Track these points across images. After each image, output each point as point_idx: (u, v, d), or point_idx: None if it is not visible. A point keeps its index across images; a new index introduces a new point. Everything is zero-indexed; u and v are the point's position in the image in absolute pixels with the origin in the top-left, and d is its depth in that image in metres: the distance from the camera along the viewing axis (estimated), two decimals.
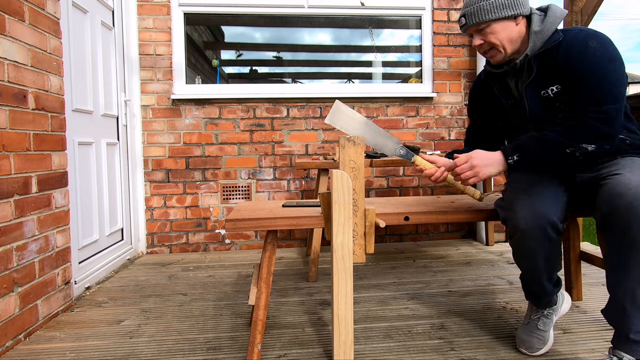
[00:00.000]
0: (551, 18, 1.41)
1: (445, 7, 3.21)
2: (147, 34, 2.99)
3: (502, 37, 1.41)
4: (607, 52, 1.31)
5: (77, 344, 1.64)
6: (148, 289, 2.28)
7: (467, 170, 1.42)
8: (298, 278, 2.41)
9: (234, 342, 1.63)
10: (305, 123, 3.13)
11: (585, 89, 1.33)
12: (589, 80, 1.32)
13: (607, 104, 1.29)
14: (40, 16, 1.84)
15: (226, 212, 3.10)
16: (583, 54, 1.33)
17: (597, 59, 1.31)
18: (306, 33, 3.61)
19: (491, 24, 1.40)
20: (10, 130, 1.63)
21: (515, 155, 1.39)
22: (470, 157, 1.43)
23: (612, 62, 1.30)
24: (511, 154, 1.40)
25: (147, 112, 3.02)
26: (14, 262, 1.63)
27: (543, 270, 1.41)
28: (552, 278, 1.47)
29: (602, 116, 1.30)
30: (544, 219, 1.30)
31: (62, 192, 1.98)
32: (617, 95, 1.30)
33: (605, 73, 1.30)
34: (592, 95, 1.32)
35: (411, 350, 1.53)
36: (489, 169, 1.41)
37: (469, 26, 1.44)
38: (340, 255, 1.32)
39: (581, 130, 1.32)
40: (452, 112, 3.25)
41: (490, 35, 1.42)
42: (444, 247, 3.08)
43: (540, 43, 1.40)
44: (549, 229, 1.30)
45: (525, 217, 1.31)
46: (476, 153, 1.44)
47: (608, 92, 1.30)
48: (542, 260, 1.38)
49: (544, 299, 1.51)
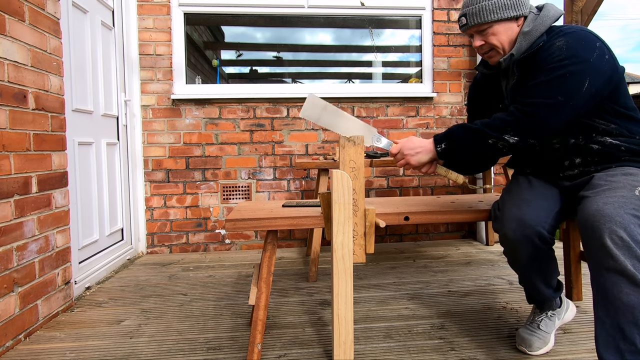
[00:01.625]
0: (542, 19, 1.36)
1: (445, 7, 3.21)
2: (147, 34, 2.99)
3: (503, 39, 1.38)
4: (568, 50, 1.25)
5: (77, 344, 1.64)
6: (148, 289, 2.28)
7: (400, 159, 1.43)
8: (298, 278, 2.41)
9: (234, 342, 1.63)
10: (305, 123, 3.13)
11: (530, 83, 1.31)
12: (534, 76, 1.30)
13: (536, 97, 1.26)
14: (40, 16, 1.84)
15: (226, 212, 3.10)
16: (544, 54, 1.30)
17: (550, 57, 1.28)
18: (306, 33, 3.61)
19: (493, 25, 1.36)
20: (10, 130, 1.63)
21: (443, 143, 1.38)
22: (402, 145, 1.43)
23: (566, 58, 1.24)
24: (439, 143, 1.39)
25: (147, 112, 3.02)
26: (14, 262, 1.63)
27: (537, 278, 1.42)
28: (550, 283, 1.47)
29: (526, 109, 1.27)
30: (531, 230, 1.29)
31: (62, 192, 1.98)
32: (552, 91, 1.25)
33: (551, 69, 1.26)
34: (528, 90, 1.30)
35: (411, 350, 1.53)
36: (418, 156, 1.41)
37: (469, 26, 1.40)
38: (340, 255, 1.32)
39: (504, 121, 1.30)
40: (452, 112, 3.25)
41: (491, 36, 1.38)
42: (444, 247, 3.08)
43: (526, 45, 1.36)
44: (536, 239, 1.30)
45: (513, 229, 1.32)
46: (408, 141, 1.43)
47: (543, 88, 1.26)
48: (533, 269, 1.38)
49: (546, 302, 1.52)
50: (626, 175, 1.25)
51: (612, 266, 1.08)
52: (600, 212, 1.12)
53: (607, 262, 1.09)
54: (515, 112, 1.29)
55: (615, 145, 1.32)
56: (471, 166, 1.47)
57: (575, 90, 1.24)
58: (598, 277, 1.13)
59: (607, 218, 1.10)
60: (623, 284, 1.07)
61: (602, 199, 1.16)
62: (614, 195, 1.16)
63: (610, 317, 1.10)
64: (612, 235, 1.08)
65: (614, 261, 1.07)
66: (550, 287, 1.48)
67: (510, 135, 1.29)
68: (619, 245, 1.07)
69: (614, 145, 1.33)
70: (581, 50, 1.25)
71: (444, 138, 1.39)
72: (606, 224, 1.09)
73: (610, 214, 1.10)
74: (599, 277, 1.12)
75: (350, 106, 3.16)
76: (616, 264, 1.07)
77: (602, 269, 1.11)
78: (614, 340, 1.09)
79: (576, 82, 1.24)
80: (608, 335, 1.10)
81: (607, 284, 1.10)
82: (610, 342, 1.09)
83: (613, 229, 1.08)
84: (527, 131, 1.28)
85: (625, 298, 1.07)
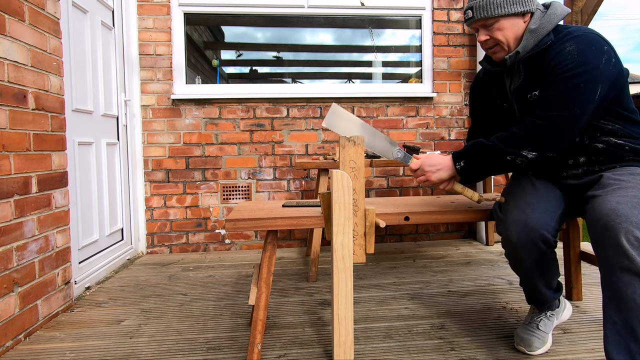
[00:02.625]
0: (549, 16, 1.35)
1: (445, 7, 3.21)
2: (147, 34, 2.99)
3: (508, 35, 1.36)
4: (580, 56, 1.24)
5: (77, 344, 1.64)
6: (148, 289, 2.28)
7: (420, 174, 1.43)
8: (298, 278, 2.41)
9: (234, 342, 1.63)
10: (305, 123, 3.13)
11: (543, 93, 1.30)
12: (549, 85, 1.29)
13: (552, 110, 1.26)
14: (40, 16, 1.84)
15: (226, 212, 3.10)
16: (555, 58, 1.28)
17: (564, 63, 1.26)
18: (306, 33, 3.61)
19: (500, 19, 1.35)
20: (10, 130, 1.63)
21: (462, 161, 1.39)
22: (423, 162, 1.43)
23: (580, 66, 1.24)
24: (458, 160, 1.40)
25: (147, 112, 3.02)
26: (14, 262, 1.63)
27: (538, 280, 1.41)
28: (551, 285, 1.47)
29: (544, 123, 1.27)
30: (535, 233, 1.29)
31: (62, 192, 1.98)
32: (568, 103, 1.24)
33: (565, 79, 1.25)
34: (543, 101, 1.28)
35: (411, 350, 1.53)
36: (439, 173, 1.42)
37: (475, 20, 1.38)
38: (340, 255, 1.32)
39: (520, 136, 1.30)
40: (452, 112, 3.25)
41: (497, 31, 1.36)
42: (444, 247, 3.08)
43: (532, 43, 1.35)
44: (540, 242, 1.30)
45: (517, 232, 1.31)
46: (428, 157, 1.43)
47: (558, 100, 1.25)
48: (535, 272, 1.38)
49: (545, 303, 1.52)
50: (634, 175, 1.26)
51: (627, 266, 1.08)
52: (615, 212, 1.12)
53: (622, 262, 1.08)
54: (531, 126, 1.29)
55: (620, 145, 1.33)
56: (491, 175, 1.47)
57: (589, 99, 1.25)
58: (611, 276, 1.12)
59: (623, 217, 1.10)
60: (638, 285, 1.07)
61: (615, 198, 1.16)
62: (626, 195, 1.16)
63: (622, 317, 1.09)
64: (629, 235, 1.08)
65: (630, 261, 1.07)
66: (551, 289, 1.48)
67: (528, 151, 1.30)
68: (634, 246, 1.07)
69: (618, 145, 1.33)
70: (591, 55, 1.24)
71: (462, 156, 1.39)
72: (622, 224, 1.09)
73: (627, 214, 1.10)
74: (612, 277, 1.12)
75: (350, 106, 3.16)
76: (631, 264, 1.07)
77: (616, 269, 1.10)
78: (625, 341, 1.09)
79: (589, 91, 1.25)
80: (619, 336, 1.10)
81: (621, 284, 1.09)
82: (622, 342, 1.09)
83: (629, 229, 1.08)
84: (546, 146, 1.28)
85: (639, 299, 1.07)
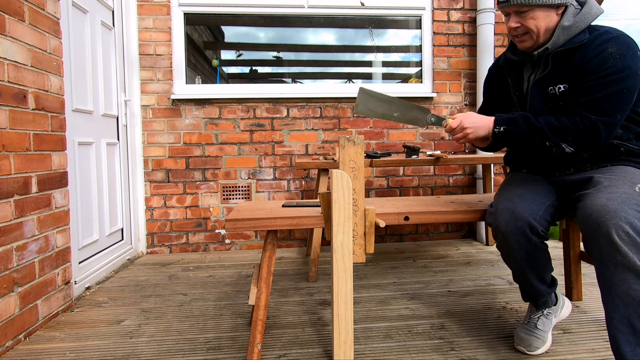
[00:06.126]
0: (584, 15, 1.34)
1: (445, 7, 3.21)
2: (147, 34, 2.99)
3: (540, 25, 1.35)
4: (622, 60, 1.26)
5: (77, 344, 1.64)
6: (148, 289, 2.28)
7: (459, 132, 1.44)
8: (298, 278, 2.41)
9: (234, 342, 1.63)
10: (305, 123, 3.13)
11: (586, 94, 1.31)
12: (592, 86, 1.29)
13: (599, 114, 1.27)
14: (40, 16, 1.84)
15: (226, 212, 3.10)
16: (597, 58, 1.29)
17: (607, 65, 1.27)
18: (306, 33, 3.61)
19: (535, 8, 1.33)
20: (10, 130, 1.63)
21: (503, 126, 1.39)
22: (462, 119, 1.43)
23: (622, 71, 1.26)
24: (499, 125, 1.40)
25: (147, 112, 3.02)
26: (14, 262, 1.63)
27: (529, 271, 1.42)
28: (544, 279, 1.47)
29: (590, 126, 1.28)
30: (522, 221, 1.31)
31: (62, 192, 1.98)
32: (612, 109, 1.27)
33: (609, 82, 1.27)
34: (589, 103, 1.29)
35: (411, 350, 1.53)
36: (478, 131, 1.43)
37: (510, 4, 1.35)
38: (340, 255, 1.32)
39: (567, 132, 1.31)
40: (452, 112, 3.25)
41: (530, 20, 1.35)
42: (444, 247, 3.08)
43: (564, 39, 1.35)
44: (527, 231, 1.31)
45: (506, 220, 1.33)
46: (468, 115, 1.44)
47: (604, 105, 1.27)
48: (525, 262, 1.38)
49: (540, 299, 1.52)
50: (625, 173, 1.29)
51: (620, 262, 1.09)
52: (605, 208, 1.13)
53: (614, 258, 1.09)
54: (580, 125, 1.30)
55: (616, 146, 1.36)
56: (516, 148, 1.49)
57: (629, 105, 1.30)
58: (605, 272, 1.13)
59: (612, 213, 1.11)
60: (632, 280, 1.08)
61: (605, 195, 1.17)
62: (616, 192, 1.17)
63: (619, 312, 1.10)
64: (619, 230, 1.09)
65: (622, 257, 1.08)
66: (544, 283, 1.48)
67: (568, 145, 1.32)
68: (625, 241, 1.08)
69: (614, 145, 1.36)
70: (631, 61, 1.27)
71: (505, 122, 1.40)
72: (612, 220, 1.10)
73: (615, 209, 1.11)
74: (606, 273, 1.13)
75: (350, 106, 3.16)
76: (624, 260, 1.08)
77: (610, 265, 1.11)
78: (624, 335, 1.10)
79: (630, 97, 1.29)
80: (618, 331, 1.11)
81: (615, 280, 1.10)
82: (621, 337, 1.10)
83: (619, 224, 1.09)
84: (586, 146, 1.32)
85: (635, 294, 1.08)
